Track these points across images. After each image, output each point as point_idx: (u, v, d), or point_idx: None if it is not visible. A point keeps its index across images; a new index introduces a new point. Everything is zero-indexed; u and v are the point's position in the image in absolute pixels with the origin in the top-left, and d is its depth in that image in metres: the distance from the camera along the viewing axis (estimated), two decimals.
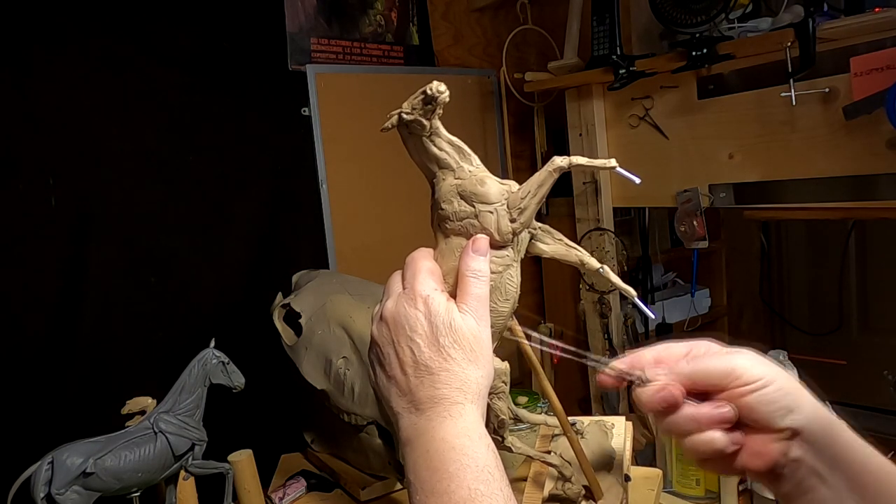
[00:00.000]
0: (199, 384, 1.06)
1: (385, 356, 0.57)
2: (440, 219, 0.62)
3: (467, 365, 0.55)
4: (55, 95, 1.23)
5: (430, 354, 0.55)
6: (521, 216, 0.59)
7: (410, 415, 0.55)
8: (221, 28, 1.42)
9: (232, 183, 1.45)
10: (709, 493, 1.28)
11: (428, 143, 0.62)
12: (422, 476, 0.51)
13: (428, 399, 0.54)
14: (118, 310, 1.30)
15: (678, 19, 1.34)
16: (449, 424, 0.53)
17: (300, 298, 1.22)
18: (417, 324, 0.56)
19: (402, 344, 0.56)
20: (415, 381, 0.55)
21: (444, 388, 0.54)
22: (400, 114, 0.61)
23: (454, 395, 0.54)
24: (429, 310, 0.56)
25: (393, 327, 0.57)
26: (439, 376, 0.54)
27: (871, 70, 1.15)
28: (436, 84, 0.58)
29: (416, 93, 0.59)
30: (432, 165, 0.64)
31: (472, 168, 0.62)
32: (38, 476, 0.93)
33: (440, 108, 0.59)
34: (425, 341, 0.55)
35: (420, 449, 0.53)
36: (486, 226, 0.59)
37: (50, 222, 1.23)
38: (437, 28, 1.82)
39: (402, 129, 0.63)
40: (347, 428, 1.16)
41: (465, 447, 0.51)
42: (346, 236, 1.61)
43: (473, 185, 0.60)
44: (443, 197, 0.62)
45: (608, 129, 1.68)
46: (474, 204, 0.60)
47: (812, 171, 1.30)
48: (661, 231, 2.02)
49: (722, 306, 2.22)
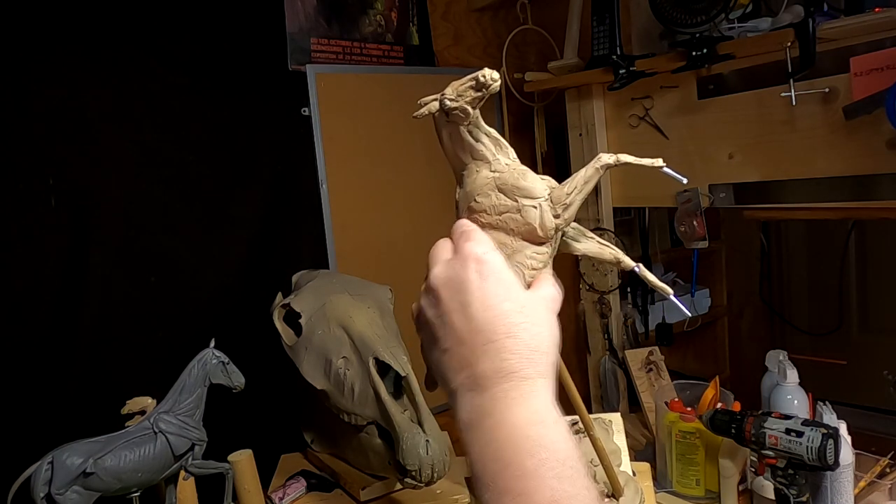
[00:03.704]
0: (199, 384, 1.06)
1: (437, 328, 0.50)
2: (472, 211, 0.60)
3: (536, 330, 0.48)
4: (55, 95, 1.23)
5: (490, 319, 0.47)
6: (565, 212, 0.57)
7: (471, 392, 0.47)
8: (221, 28, 1.42)
9: (232, 183, 1.44)
10: (709, 493, 1.28)
11: (465, 133, 0.59)
12: (491, 470, 0.44)
13: (492, 373, 0.46)
14: (118, 310, 1.30)
15: (678, 19, 1.34)
16: (520, 407, 0.45)
17: (300, 298, 1.22)
18: (472, 286, 0.49)
19: (455, 311, 0.49)
20: (474, 352, 0.47)
21: (510, 359, 0.46)
22: (442, 99, 0.57)
23: (523, 367, 0.46)
24: (484, 270, 0.49)
25: (443, 294, 0.50)
26: (504, 344, 0.47)
27: (871, 70, 1.15)
28: (489, 71, 0.55)
29: (463, 79, 0.56)
30: (465, 156, 0.61)
31: (509, 161, 0.60)
32: (38, 476, 0.94)
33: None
34: (483, 305, 0.48)
35: (486, 437, 0.45)
36: (529, 220, 0.57)
37: (50, 222, 1.23)
38: (437, 28, 1.81)
39: (438, 117, 0.60)
40: (347, 428, 1.16)
41: (542, 437, 0.44)
42: (346, 236, 1.61)
43: (516, 179, 0.58)
44: (477, 189, 0.59)
45: (608, 129, 1.68)
46: (517, 198, 0.57)
47: (812, 171, 1.30)
48: (661, 231, 2.03)
49: (722, 306, 2.23)
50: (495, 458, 0.44)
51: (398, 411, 1.04)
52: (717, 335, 2.25)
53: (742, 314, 2.28)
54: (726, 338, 2.26)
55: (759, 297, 2.21)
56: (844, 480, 1.12)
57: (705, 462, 1.27)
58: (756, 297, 2.23)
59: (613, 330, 1.75)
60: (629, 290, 1.87)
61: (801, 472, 1.05)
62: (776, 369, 1.33)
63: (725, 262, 2.22)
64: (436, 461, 1.00)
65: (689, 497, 1.30)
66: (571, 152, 1.75)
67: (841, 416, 1.17)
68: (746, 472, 1.24)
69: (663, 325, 1.93)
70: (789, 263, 2.22)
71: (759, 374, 1.40)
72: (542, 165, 1.96)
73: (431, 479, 1.01)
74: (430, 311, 0.51)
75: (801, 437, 1.02)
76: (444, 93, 0.57)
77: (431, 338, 0.51)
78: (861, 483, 1.20)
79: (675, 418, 1.29)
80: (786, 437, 1.04)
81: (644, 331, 1.90)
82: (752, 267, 2.22)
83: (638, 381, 1.64)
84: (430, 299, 0.51)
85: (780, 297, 2.23)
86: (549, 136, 1.98)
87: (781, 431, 1.05)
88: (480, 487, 0.44)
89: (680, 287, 2.09)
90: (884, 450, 1.27)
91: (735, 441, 1.13)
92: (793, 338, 2.13)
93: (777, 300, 2.23)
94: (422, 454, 0.99)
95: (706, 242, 1.49)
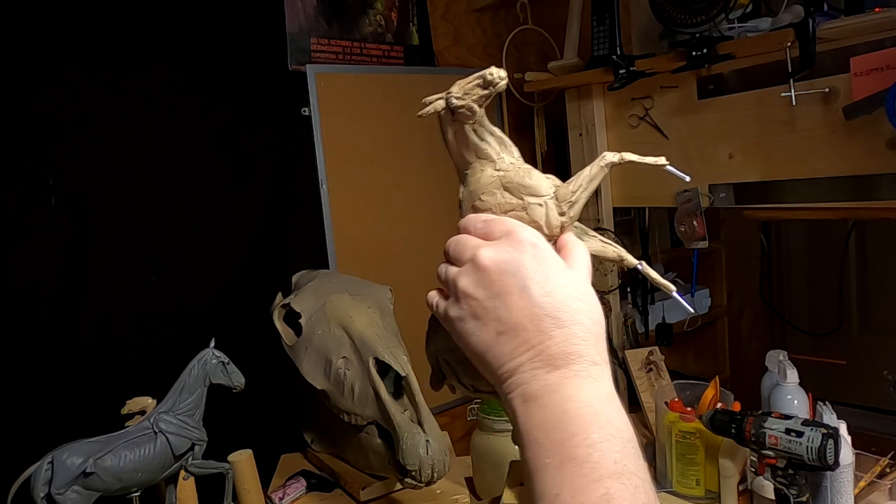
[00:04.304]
0: (199, 384, 1.06)
1: (489, 310, 0.50)
2: (476, 210, 0.59)
3: (596, 317, 0.50)
4: (55, 95, 1.23)
5: (555, 304, 0.49)
6: (571, 210, 0.57)
7: (537, 370, 0.48)
8: (221, 28, 1.42)
9: (232, 183, 1.45)
10: (709, 493, 1.28)
11: (470, 132, 0.59)
12: (555, 438, 0.46)
13: (562, 354, 0.48)
14: (118, 310, 1.30)
15: (678, 19, 1.34)
16: (590, 386, 0.48)
17: (300, 298, 1.22)
18: (530, 270, 0.50)
19: (513, 294, 0.50)
20: (540, 335, 0.49)
21: (580, 344, 0.49)
22: (448, 98, 0.57)
23: (591, 353, 0.49)
24: (539, 254, 0.51)
25: (498, 277, 0.50)
26: (572, 330, 0.49)
27: (871, 70, 1.15)
28: (496, 70, 0.55)
29: (470, 77, 0.56)
30: (470, 155, 0.61)
31: (514, 160, 0.60)
32: (38, 476, 0.94)
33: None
34: (543, 290, 0.49)
35: (554, 408, 0.47)
36: (535, 219, 0.56)
37: (50, 222, 1.23)
38: (437, 28, 1.82)
39: (444, 115, 0.60)
40: (347, 428, 1.16)
41: (610, 415, 0.47)
42: (346, 236, 1.61)
43: (521, 177, 0.58)
44: (482, 188, 0.59)
45: (608, 129, 1.68)
46: (523, 196, 0.57)
47: (812, 171, 1.30)
48: (661, 231, 2.03)
49: (722, 306, 2.22)
50: (562, 427, 0.46)
51: (398, 411, 1.04)
52: (717, 335, 2.25)
53: (742, 314, 2.28)
54: (726, 338, 2.26)
55: (759, 297, 2.21)
56: (844, 480, 1.12)
57: (705, 462, 1.27)
58: (756, 297, 2.22)
59: (613, 330, 1.75)
60: (629, 290, 1.87)
61: (801, 472, 1.05)
62: (776, 369, 1.33)
63: (725, 262, 2.22)
64: (436, 461, 1.00)
65: (689, 497, 1.30)
66: (571, 152, 1.75)
67: (841, 416, 1.17)
68: (746, 472, 1.24)
69: (663, 325, 1.93)
70: (789, 263, 2.22)
71: (759, 374, 1.40)
72: (542, 165, 1.96)
73: (431, 479, 1.01)
74: (481, 292, 0.51)
75: (801, 437, 1.02)
76: (450, 91, 0.57)
77: (479, 317, 0.51)
78: (861, 483, 1.20)
79: (675, 418, 1.29)
80: (786, 437, 1.04)
81: (644, 331, 1.90)
82: (752, 267, 2.21)
83: (638, 381, 1.64)
84: (480, 279, 0.51)
85: (780, 297, 2.23)
86: (549, 136, 1.98)
87: (781, 431, 1.05)
88: (542, 454, 0.46)
89: (680, 287, 2.09)
90: (884, 450, 1.27)
91: (735, 441, 1.13)
92: (793, 338, 2.13)
93: (777, 300, 2.23)
94: (422, 454, 0.99)
95: (706, 242, 1.49)
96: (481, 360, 0.52)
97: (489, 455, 1.25)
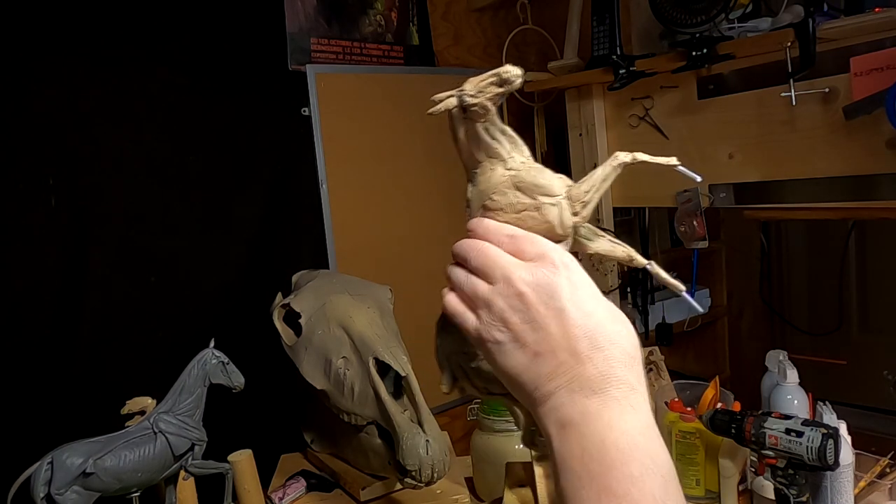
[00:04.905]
0: (199, 384, 1.06)
1: (525, 333, 0.50)
2: (487, 210, 0.59)
3: (632, 339, 0.50)
4: (55, 95, 1.23)
5: (592, 327, 0.49)
6: (584, 210, 0.56)
7: (575, 394, 0.48)
8: (221, 28, 1.42)
9: (232, 183, 1.44)
10: (709, 493, 1.28)
11: (481, 130, 0.58)
12: (592, 469, 0.45)
13: (601, 378, 0.47)
14: (118, 310, 1.30)
15: (678, 19, 1.34)
16: (630, 416, 0.46)
17: (300, 298, 1.22)
18: (566, 293, 0.50)
19: (549, 317, 0.49)
20: (578, 358, 0.48)
21: (619, 369, 0.48)
22: (461, 95, 0.56)
23: (630, 378, 0.48)
24: (574, 277, 0.51)
25: (534, 299, 0.50)
26: (610, 352, 0.48)
27: (871, 70, 1.15)
28: (511, 67, 0.54)
29: (484, 75, 0.55)
30: (480, 154, 0.60)
31: (524, 159, 0.59)
32: (38, 476, 0.93)
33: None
34: (580, 312, 0.49)
35: (592, 437, 0.46)
36: (548, 219, 0.56)
37: (50, 222, 1.23)
38: (437, 28, 1.81)
39: (455, 113, 0.59)
40: (347, 428, 1.16)
41: (649, 448, 0.46)
42: (346, 236, 1.61)
43: (534, 177, 0.57)
44: (493, 188, 0.58)
45: (608, 129, 1.68)
46: (536, 196, 0.56)
47: (812, 171, 1.30)
48: (661, 231, 2.02)
49: (722, 306, 2.23)
50: (600, 459, 0.45)
51: (398, 411, 1.04)
52: (717, 335, 2.25)
53: (742, 314, 2.28)
54: (726, 338, 2.26)
55: (759, 297, 2.21)
56: (844, 480, 1.12)
57: (705, 462, 1.27)
58: (756, 297, 2.22)
59: None
60: (629, 290, 1.87)
61: (801, 472, 1.05)
62: (776, 369, 1.33)
63: (725, 262, 2.22)
64: (436, 461, 1.00)
65: (689, 497, 1.29)
66: (571, 152, 1.75)
67: (841, 416, 1.17)
68: (746, 472, 1.24)
69: (663, 325, 1.93)
70: (789, 263, 2.22)
71: (759, 374, 1.40)
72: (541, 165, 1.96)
73: (431, 479, 1.01)
74: (518, 316, 0.50)
75: (801, 437, 1.02)
76: (464, 88, 0.56)
77: (516, 341, 0.51)
78: (861, 483, 1.20)
79: (675, 418, 1.29)
80: (786, 437, 1.04)
81: (644, 331, 1.90)
82: (752, 267, 2.21)
83: None
84: (517, 304, 0.51)
85: (780, 297, 2.23)
86: (549, 136, 1.97)
87: (781, 431, 1.04)
88: (578, 485, 0.45)
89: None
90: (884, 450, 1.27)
91: (735, 441, 1.13)
92: (793, 338, 2.13)
93: (777, 300, 2.23)
94: (422, 454, 0.99)
95: (706, 242, 1.49)
96: (515, 381, 0.51)
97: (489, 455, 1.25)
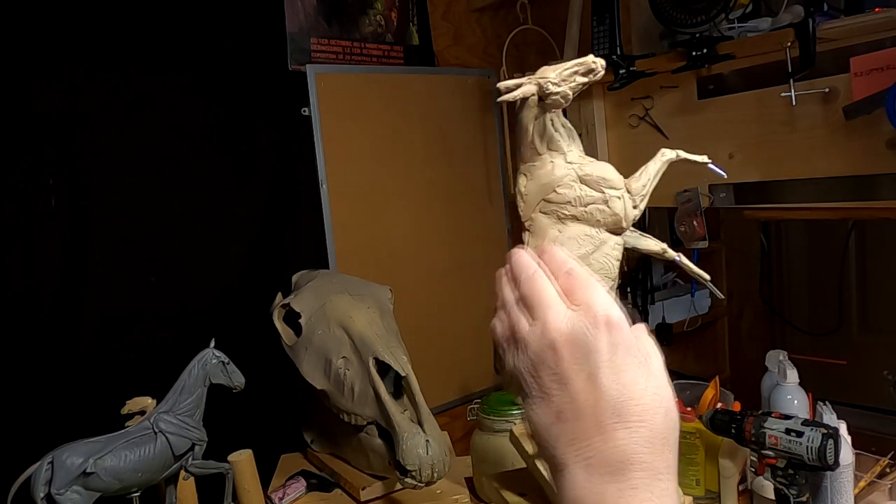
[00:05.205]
0: (199, 384, 1.06)
1: (552, 390, 0.45)
2: (550, 203, 0.58)
3: (671, 416, 0.44)
4: (55, 95, 1.23)
5: (622, 397, 0.43)
6: (641, 203, 0.58)
7: (591, 473, 0.43)
8: (221, 28, 1.42)
9: (232, 183, 1.44)
10: (709, 493, 1.28)
11: (549, 122, 0.58)
12: None
13: (622, 459, 0.42)
14: (118, 310, 1.30)
15: (678, 19, 1.34)
16: None
17: (300, 298, 1.22)
18: (603, 356, 0.44)
19: (579, 379, 0.44)
20: (599, 428, 0.43)
21: (643, 451, 0.42)
22: (545, 83, 0.55)
23: (656, 463, 0.42)
24: (616, 337, 0.44)
25: (567, 356, 0.44)
26: (637, 430, 0.42)
27: (871, 70, 1.15)
28: (596, 58, 0.55)
29: (568, 64, 0.56)
30: (541, 146, 0.60)
31: (581, 153, 0.60)
32: (38, 476, 0.94)
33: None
34: (614, 379, 0.43)
35: None
36: (616, 211, 0.57)
37: (50, 222, 1.23)
38: (437, 28, 1.81)
39: (530, 102, 0.58)
40: (347, 428, 1.16)
41: None
42: (346, 236, 1.61)
43: (601, 170, 0.58)
44: (557, 181, 0.58)
45: (608, 129, 1.68)
46: (603, 189, 0.57)
47: (812, 171, 1.30)
48: (661, 231, 2.02)
49: (722, 306, 2.22)
50: None
51: (398, 411, 1.04)
52: (717, 335, 2.25)
53: (742, 314, 2.28)
54: (726, 338, 2.26)
55: (759, 297, 2.21)
56: (844, 480, 1.12)
57: (705, 462, 1.27)
58: (756, 297, 2.22)
59: None
60: (629, 290, 1.87)
61: (801, 472, 1.05)
62: (776, 369, 1.33)
63: (725, 262, 2.22)
64: (436, 461, 1.00)
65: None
66: None
67: (841, 416, 1.17)
68: (746, 472, 1.24)
69: (663, 325, 1.93)
70: (789, 263, 2.22)
71: (759, 374, 1.40)
72: None
73: (431, 479, 1.01)
74: (546, 371, 0.45)
75: (801, 437, 1.02)
76: (546, 77, 0.56)
77: (540, 395, 0.46)
78: (861, 483, 1.20)
79: None
80: (786, 437, 1.04)
81: None
82: (752, 267, 2.21)
83: None
84: (548, 355, 0.45)
85: (780, 297, 2.23)
86: None
87: (781, 431, 1.04)
88: None
89: (680, 287, 2.09)
90: (884, 450, 1.27)
91: (735, 441, 1.13)
92: (793, 338, 2.13)
93: (777, 300, 2.23)
94: (422, 454, 0.99)
95: (706, 242, 1.49)
96: (536, 435, 0.48)
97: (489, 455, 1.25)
